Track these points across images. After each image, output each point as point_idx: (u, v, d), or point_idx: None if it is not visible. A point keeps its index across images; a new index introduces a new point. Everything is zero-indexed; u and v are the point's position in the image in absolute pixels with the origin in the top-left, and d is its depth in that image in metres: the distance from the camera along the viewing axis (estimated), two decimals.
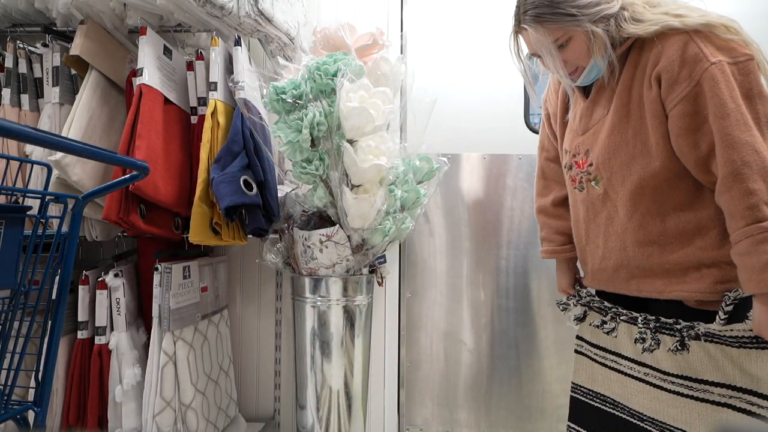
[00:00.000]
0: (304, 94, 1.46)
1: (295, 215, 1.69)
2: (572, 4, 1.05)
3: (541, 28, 1.08)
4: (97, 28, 1.59)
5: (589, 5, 1.05)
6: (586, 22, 1.05)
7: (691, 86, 0.98)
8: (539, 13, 1.07)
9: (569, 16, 1.05)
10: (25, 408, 1.06)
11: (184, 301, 1.61)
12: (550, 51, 1.11)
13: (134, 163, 1.07)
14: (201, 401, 1.65)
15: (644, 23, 1.04)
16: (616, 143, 1.12)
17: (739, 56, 0.97)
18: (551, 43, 1.10)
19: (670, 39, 1.02)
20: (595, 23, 1.06)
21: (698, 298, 1.07)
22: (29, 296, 1.04)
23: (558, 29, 1.08)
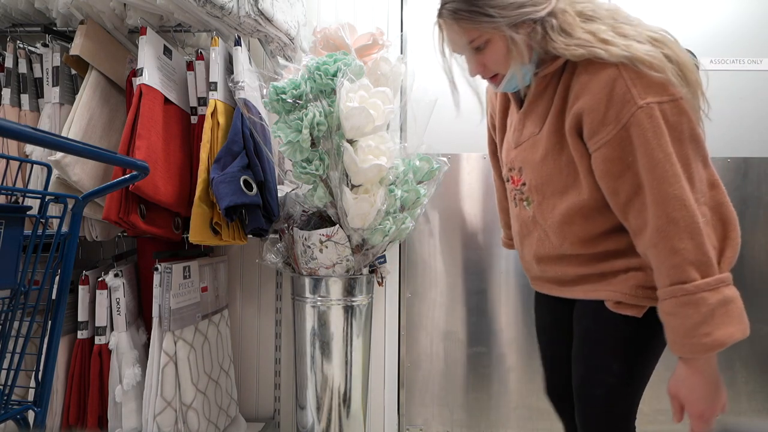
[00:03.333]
0: (304, 94, 1.46)
1: (295, 215, 1.69)
2: (491, 3, 0.93)
3: (456, 26, 0.98)
4: (97, 28, 1.59)
5: (510, 6, 0.93)
6: (505, 26, 0.94)
7: (617, 130, 0.90)
8: (455, 9, 0.96)
9: (486, 17, 0.94)
10: (25, 408, 1.06)
11: (185, 301, 1.60)
12: (464, 53, 1.03)
13: (134, 163, 1.06)
14: (202, 401, 1.65)
15: (572, 39, 0.92)
16: (549, 171, 1.04)
17: (668, 97, 0.89)
18: (466, 44, 1.00)
19: (598, 73, 0.91)
20: (516, 27, 0.94)
21: (618, 299, 1.02)
22: (29, 296, 1.04)
23: (474, 30, 0.97)
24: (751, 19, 2.16)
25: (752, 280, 2.13)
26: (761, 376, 2.11)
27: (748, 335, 0.95)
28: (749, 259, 2.13)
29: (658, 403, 2.09)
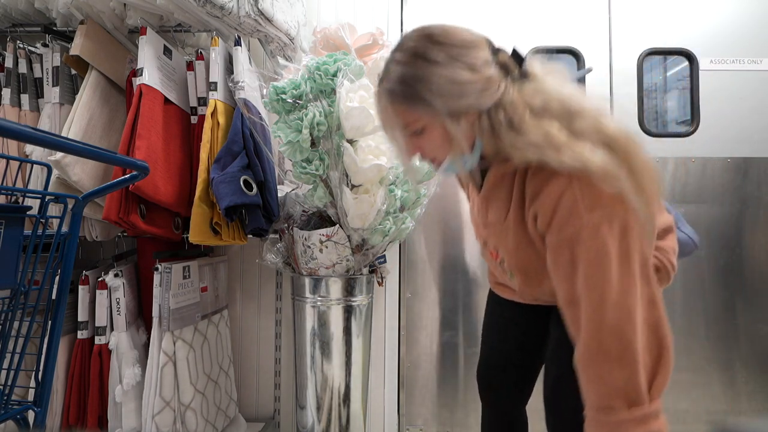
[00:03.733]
0: (304, 94, 1.46)
1: (295, 215, 1.69)
2: (430, 88, 0.83)
3: (391, 107, 0.88)
4: (97, 28, 1.59)
5: (450, 94, 0.83)
6: (444, 114, 0.84)
7: (561, 241, 0.86)
8: (391, 89, 0.86)
9: (423, 103, 0.84)
10: (25, 408, 1.06)
11: (184, 301, 1.60)
12: (395, 136, 0.92)
13: (134, 163, 1.06)
14: (200, 401, 1.65)
15: (522, 138, 0.83)
16: (526, 257, 1.00)
17: (618, 213, 0.81)
18: (402, 127, 0.90)
19: (549, 182, 0.85)
20: (457, 117, 0.85)
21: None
22: (29, 296, 1.04)
23: (410, 114, 0.87)
24: (751, 19, 2.16)
25: (752, 280, 2.13)
26: (761, 376, 2.11)
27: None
28: (749, 259, 2.13)
29: None
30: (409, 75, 0.84)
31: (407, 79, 0.84)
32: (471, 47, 0.85)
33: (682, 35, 2.16)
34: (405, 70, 0.84)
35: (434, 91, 0.83)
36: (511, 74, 0.87)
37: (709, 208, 2.13)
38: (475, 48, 0.85)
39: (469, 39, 0.86)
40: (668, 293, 2.08)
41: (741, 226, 2.13)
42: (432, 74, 0.83)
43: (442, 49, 0.83)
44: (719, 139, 2.13)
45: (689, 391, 2.10)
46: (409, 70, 0.84)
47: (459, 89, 0.83)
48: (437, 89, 0.83)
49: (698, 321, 2.12)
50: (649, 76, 2.23)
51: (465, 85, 0.83)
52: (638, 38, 2.16)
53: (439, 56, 0.83)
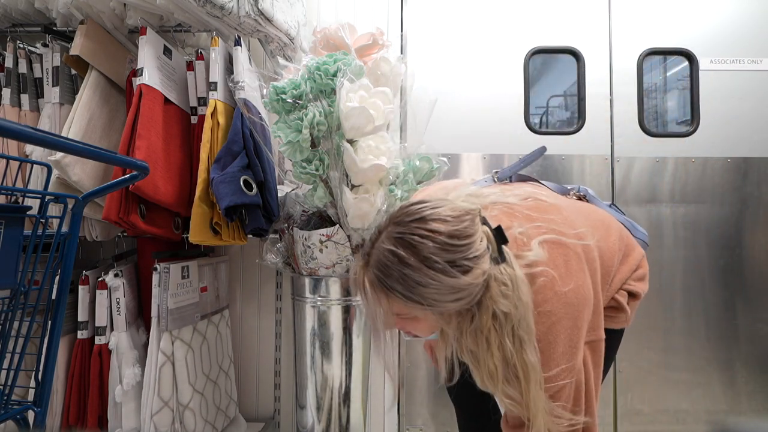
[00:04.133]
0: (304, 94, 1.46)
1: (295, 215, 1.69)
2: (426, 294, 0.83)
3: (386, 298, 0.87)
4: (97, 28, 1.59)
5: (445, 301, 0.84)
6: (437, 314, 0.88)
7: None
8: (391, 286, 0.85)
9: (418, 304, 0.85)
10: (25, 408, 1.06)
11: (183, 301, 1.60)
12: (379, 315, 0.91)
13: (134, 163, 1.06)
14: (199, 401, 1.65)
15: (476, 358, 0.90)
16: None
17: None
18: (391, 313, 0.90)
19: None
20: (450, 316, 0.89)
21: None
22: (29, 296, 1.04)
23: (404, 308, 0.88)
24: (751, 19, 2.16)
25: (752, 280, 2.13)
26: (761, 376, 2.11)
27: None
28: (749, 260, 2.13)
29: (658, 403, 2.09)
30: (411, 279, 0.83)
31: (408, 282, 0.83)
32: (470, 243, 0.84)
33: (682, 35, 2.16)
34: (408, 273, 0.83)
35: (432, 297, 0.83)
36: (491, 254, 0.86)
37: (709, 208, 2.13)
38: (473, 242, 0.84)
39: (468, 233, 0.85)
40: (668, 293, 2.10)
41: (741, 226, 2.13)
42: (433, 282, 0.82)
43: (445, 252, 0.83)
44: (719, 139, 2.13)
45: (689, 391, 2.10)
46: (412, 274, 0.83)
47: (454, 294, 0.84)
48: (436, 295, 0.83)
49: (698, 321, 2.12)
50: (649, 76, 2.23)
51: (461, 290, 0.83)
52: (638, 38, 2.16)
53: (440, 261, 0.82)
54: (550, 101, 2.44)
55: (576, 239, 0.96)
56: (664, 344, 2.11)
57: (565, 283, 0.91)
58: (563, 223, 0.97)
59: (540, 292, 0.90)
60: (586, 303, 0.93)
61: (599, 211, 1.17)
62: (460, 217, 0.86)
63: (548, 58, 2.28)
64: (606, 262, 1.03)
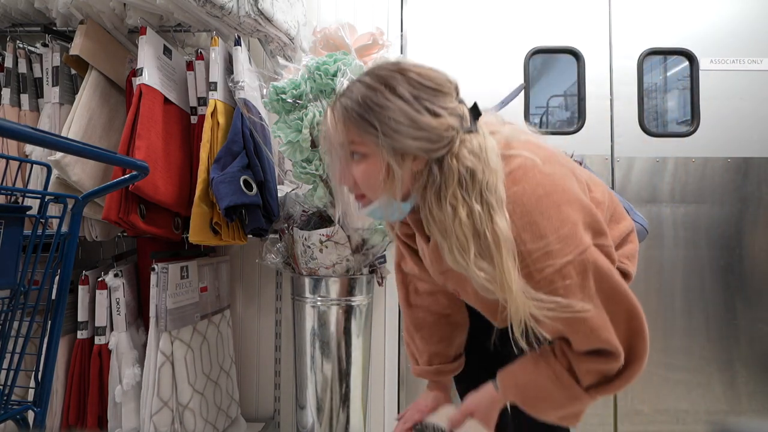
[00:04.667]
0: (304, 94, 1.46)
1: (295, 215, 1.69)
2: (386, 117, 0.80)
3: (342, 124, 0.85)
4: (97, 28, 1.59)
5: (403, 132, 0.80)
6: (390, 149, 0.81)
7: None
8: (348, 106, 0.83)
9: (374, 129, 0.80)
10: (25, 408, 1.06)
11: (182, 301, 1.60)
12: (334, 153, 0.89)
13: (134, 163, 1.06)
14: (199, 402, 1.65)
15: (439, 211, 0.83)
16: (491, 306, 0.97)
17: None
18: (345, 143, 0.86)
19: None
20: (402, 157, 0.82)
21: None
22: (29, 296, 1.04)
23: (357, 134, 0.83)
24: (751, 19, 2.16)
25: (752, 280, 2.13)
26: (761, 376, 2.11)
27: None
28: (749, 260, 2.13)
29: (659, 403, 2.09)
30: (371, 99, 0.81)
31: (368, 102, 0.81)
32: (441, 94, 0.83)
33: (682, 35, 2.16)
34: (369, 94, 0.82)
35: (389, 123, 0.80)
36: (464, 127, 0.84)
37: (709, 208, 2.13)
38: (445, 96, 0.84)
39: (442, 84, 0.84)
40: (668, 293, 2.10)
41: (741, 226, 2.13)
42: (393, 106, 0.80)
43: (412, 87, 0.82)
44: (719, 139, 2.13)
45: (689, 392, 2.10)
46: (372, 95, 0.82)
47: (414, 130, 0.80)
48: (393, 123, 0.80)
49: (698, 321, 2.12)
50: (649, 76, 2.23)
51: (421, 129, 0.80)
52: (638, 38, 2.16)
53: (406, 93, 0.81)
54: (550, 101, 2.44)
55: (562, 157, 0.93)
56: (664, 344, 2.11)
57: (549, 165, 0.85)
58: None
59: (520, 168, 0.84)
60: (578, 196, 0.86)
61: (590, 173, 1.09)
62: (435, 72, 0.86)
63: (548, 57, 2.28)
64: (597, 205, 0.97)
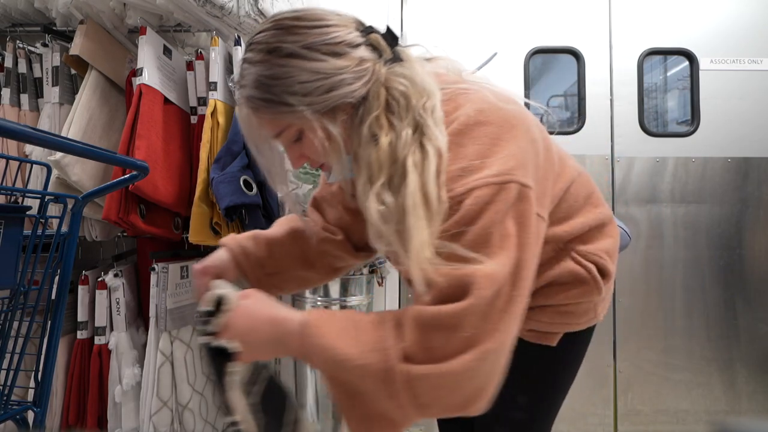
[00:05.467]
0: None
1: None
2: (290, 89, 0.69)
3: (255, 117, 0.75)
4: (97, 28, 1.59)
5: (315, 91, 0.69)
6: (315, 114, 0.71)
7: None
8: (249, 96, 0.73)
9: (287, 106, 0.70)
10: (25, 408, 1.06)
11: (182, 301, 1.60)
12: (264, 149, 0.81)
13: (133, 163, 1.06)
14: (199, 402, 1.65)
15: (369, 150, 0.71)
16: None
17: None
18: (272, 138, 0.77)
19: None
20: (332, 114, 0.72)
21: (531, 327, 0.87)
22: (29, 296, 1.04)
23: (277, 121, 0.74)
24: (751, 19, 2.16)
25: (753, 280, 2.12)
26: (761, 376, 2.11)
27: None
28: (749, 259, 2.12)
29: (658, 403, 2.09)
30: (265, 76, 0.71)
31: (264, 81, 0.71)
32: (332, 28, 0.72)
33: (682, 35, 2.16)
34: (260, 71, 0.71)
35: (298, 91, 0.69)
36: (384, 57, 0.74)
37: (709, 208, 2.13)
38: (337, 28, 0.72)
39: (329, 19, 0.73)
40: (669, 293, 2.10)
41: (741, 226, 2.13)
42: (291, 70, 0.69)
43: (297, 36, 0.70)
44: (719, 139, 2.13)
45: (690, 392, 2.10)
46: (264, 70, 0.71)
47: (326, 82, 0.69)
48: (301, 87, 0.69)
49: (699, 321, 2.12)
50: (649, 75, 2.23)
51: (332, 76, 0.69)
52: (638, 38, 2.16)
53: (295, 46, 0.70)
54: (551, 101, 2.44)
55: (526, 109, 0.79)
56: (664, 344, 2.11)
57: (501, 101, 0.73)
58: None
59: (463, 95, 0.73)
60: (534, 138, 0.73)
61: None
62: (313, 9, 0.75)
63: (548, 57, 2.27)
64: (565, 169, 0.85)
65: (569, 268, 0.83)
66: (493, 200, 0.65)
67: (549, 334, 0.88)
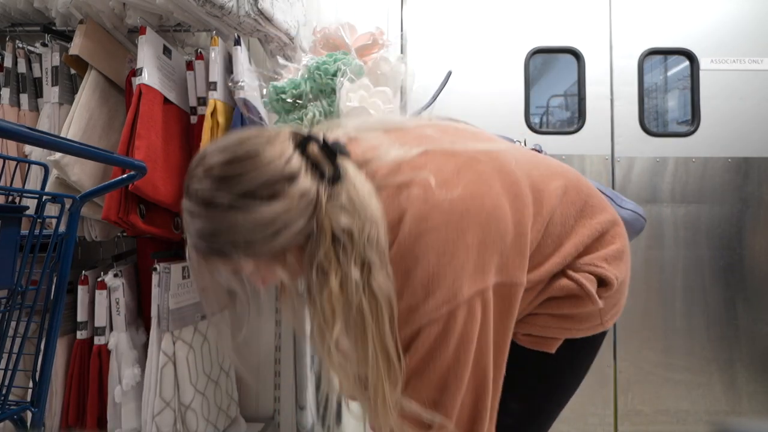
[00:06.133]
0: (304, 94, 1.46)
1: None
2: (234, 239, 0.68)
3: (206, 263, 0.73)
4: (97, 28, 1.59)
5: (261, 238, 0.68)
6: (265, 257, 0.71)
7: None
8: (196, 245, 0.72)
9: (236, 254, 0.69)
10: (23, 408, 1.06)
11: (184, 301, 1.60)
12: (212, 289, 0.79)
13: (132, 163, 1.06)
14: (201, 401, 1.65)
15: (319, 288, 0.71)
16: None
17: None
18: (229, 274, 0.76)
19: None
20: (282, 254, 0.71)
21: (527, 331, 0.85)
22: (26, 296, 1.04)
23: (230, 264, 0.73)
24: (751, 18, 2.15)
25: (753, 280, 2.12)
26: (762, 377, 2.10)
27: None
28: (750, 260, 2.12)
29: (659, 403, 2.09)
30: (207, 230, 0.69)
31: (206, 234, 0.69)
32: (266, 165, 0.67)
33: (682, 35, 2.15)
34: (201, 225, 0.69)
35: (241, 243, 0.68)
36: (325, 175, 0.70)
37: (710, 208, 2.13)
38: (272, 161, 0.67)
39: (262, 151, 0.68)
40: (669, 293, 2.10)
41: (741, 226, 2.13)
42: (230, 224, 0.67)
43: (231, 185, 0.67)
44: (720, 139, 2.13)
45: (690, 392, 2.09)
46: (205, 224, 0.69)
47: (268, 230, 0.67)
48: (244, 239, 0.68)
49: (699, 321, 2.12)
50: (649, 75, 2.23)
51: (273, 223, 0.67)
52: (639, 38, 2.16)
53: (230, 198, 0.66)
54: (551, 101, 2.44)
55: (486, 157, 0.75)
56: (665, 344, 2.10)
57: (447, 188, 0.69)
58: (472, 138, 0.79)
59: (408, 200, 0.69)
60: (488, 216, 0.69)
61: (550, 160, 0.91)
62: (243, 141, 0.70)
63: (548, 57, 2.27)
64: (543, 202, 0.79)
65: (561, 285, 0.81)
66: (442, 337, 0.65)
67: (546, 339, 0.85)
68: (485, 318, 0.68)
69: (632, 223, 1.04)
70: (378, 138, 0.78)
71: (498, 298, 0.70)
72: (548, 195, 0.80)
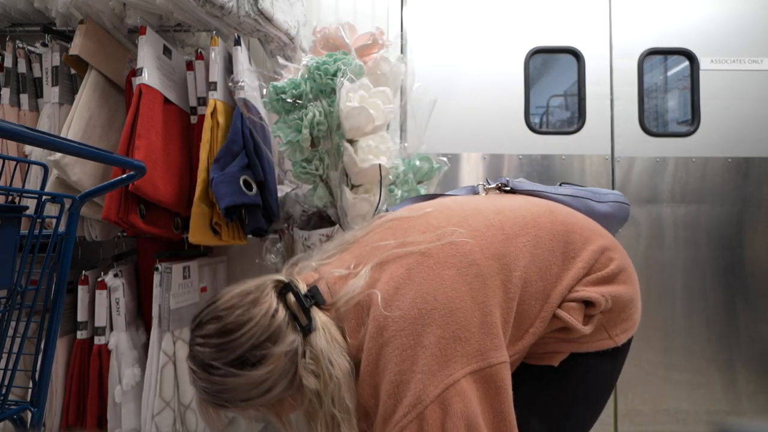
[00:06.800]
0: (304, 94, 1.45)
1: (295, 215, 1.68)
2: (234, 397, 0.78)
3: (214, 411, 0.84)
4: (97, 28, 1.59)
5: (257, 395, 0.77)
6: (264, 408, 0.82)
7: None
8: (203, 399, 0.82)
9: (237, 407, 0.81)
10: (22, 408, 1.06)
11: (184, 301, 1.60)
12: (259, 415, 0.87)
13: (131, 163, 1.06)
14: None
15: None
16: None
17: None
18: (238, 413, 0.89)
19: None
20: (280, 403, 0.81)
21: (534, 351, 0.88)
22: (26, 296, 1.04)
23: (233, 411, 0.84)
24: (751, 18, 2.15)
25: (753, 280, 2.12)
26: (762, 377, 2.10)
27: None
28: (750, 260, 2.12)
29: (659, 403, 2.09)
30: (210, 389, 0.79)
31: (210, 392, 0.80)
32: (253, 327, 0.77)
33: (682, 35, 2.15)
34: (204, 385, 0.80)
35: (240, 400, 0.78)
36: (303, 327, 0.79)
37: (710, 208, 2.13)
38: (259, 322, 0.77)
39: (250, 314, 0.78)
40: (669, 293, 2.09)
41: (742, 226, 2.12)
42: (228, 386, 0.77)
43: (225, 353, 0.77)
44: (720, 139, 2.13)
45: (690, 392, 2.09)
46: (207, 385, 0.79)
47: (261, 387, 0.77)
48: (242, 397, 0.78)
49: (699, 321, 2.12)
50: (649, 75, 2.23)
51: (265, 381, 0.76)
52: (638, 38, 2.15)
53: (227, 365, 0.76)
54: (551, 101, 2.44)
55: (433, 241, 0.80)
56: (665, 344, 2.10)
57: (399, 295, 0.75)
58: (422, 229, 0.83)
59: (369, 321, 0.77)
60: (443, 311, 0.73)
61: (517, 206, 0.91)
62: (233, 308, 0.79)
63: (548, 57, 2.27)
64: (511, 266, 0.81)
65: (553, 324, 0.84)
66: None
67: (548, 353, 0.86)
68: (466, 407, 0.70)
69: (616, 213, 1.05)
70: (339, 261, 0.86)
71: (480, 384, 0.72)
72: (515, 256, 0.82)
